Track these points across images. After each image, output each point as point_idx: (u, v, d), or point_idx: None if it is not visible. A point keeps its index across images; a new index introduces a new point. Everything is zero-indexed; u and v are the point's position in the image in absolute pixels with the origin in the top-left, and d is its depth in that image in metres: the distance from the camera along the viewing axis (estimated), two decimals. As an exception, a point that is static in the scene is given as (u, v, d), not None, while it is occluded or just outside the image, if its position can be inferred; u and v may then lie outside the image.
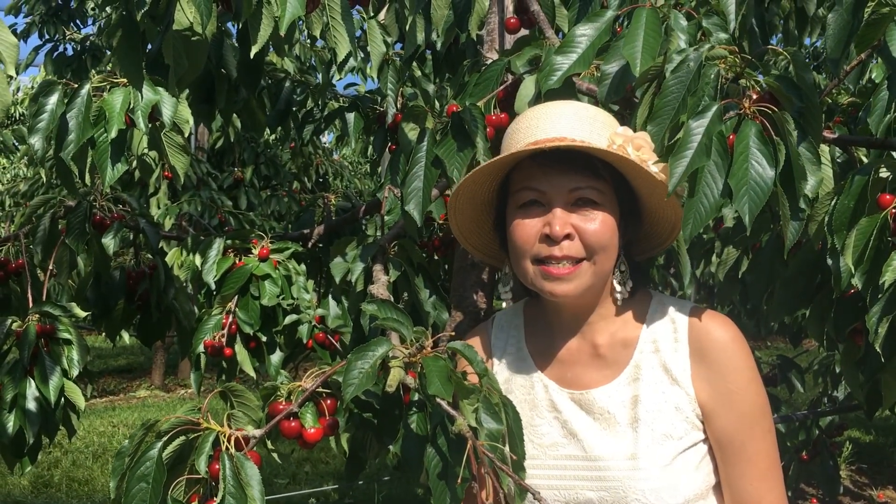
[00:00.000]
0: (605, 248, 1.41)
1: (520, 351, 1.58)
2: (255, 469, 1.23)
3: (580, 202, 1.40)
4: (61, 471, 6.19)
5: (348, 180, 9.38)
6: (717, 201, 1.31)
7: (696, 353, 1.42)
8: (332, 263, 1.91)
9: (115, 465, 1.26)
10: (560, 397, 1.49)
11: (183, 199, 6.08)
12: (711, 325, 1.43)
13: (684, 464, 1.40)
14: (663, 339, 1.45)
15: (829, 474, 4.08)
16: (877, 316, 1.45)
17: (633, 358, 1.45)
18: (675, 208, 1.45)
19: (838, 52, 1.42)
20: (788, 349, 7.49)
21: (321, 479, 5.94)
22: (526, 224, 1.42)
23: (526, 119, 1.48)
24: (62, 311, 2.15)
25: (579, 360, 1.50)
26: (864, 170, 1.51)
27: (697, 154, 1.28)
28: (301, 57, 4.30)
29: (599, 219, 1.40)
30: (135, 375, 10.58)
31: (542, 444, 1.48)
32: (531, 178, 1.43)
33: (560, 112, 1.45)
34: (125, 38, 1.58)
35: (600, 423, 1.44)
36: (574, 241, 1.39)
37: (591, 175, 1.40)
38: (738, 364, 1.41)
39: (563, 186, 1.40)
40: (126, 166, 1.75)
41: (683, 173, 1.28)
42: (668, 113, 1.37)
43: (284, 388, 1.35)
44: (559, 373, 1.51)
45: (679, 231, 1.50)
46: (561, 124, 1.42)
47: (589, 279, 1.41)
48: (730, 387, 1.40)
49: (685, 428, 1.40)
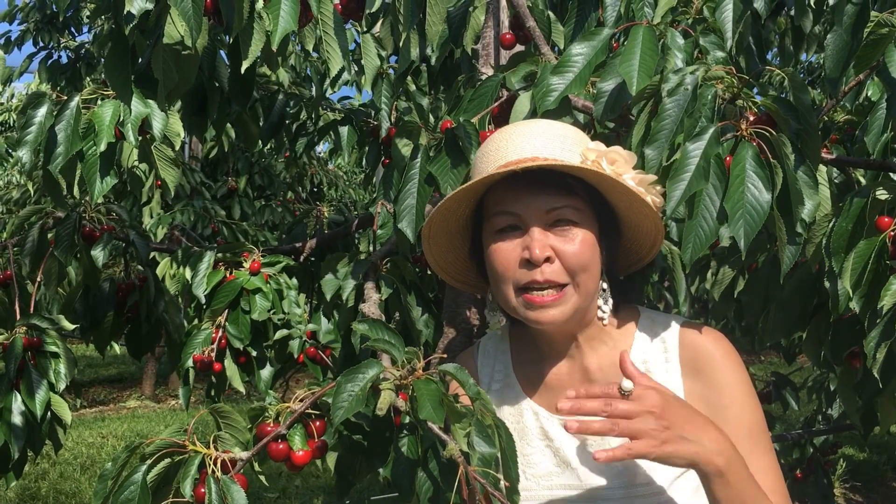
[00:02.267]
0: (586, 268, 1.36)
1: (507, 377, 1.54)
2: (241, 493, 1.20)
3: (559, 222, 1.36)
4: (49, 483, 6.13)
5: (343, 190, 9.37)
6: (716, 224, 1.29)
7: (688, 370, 1.39)
8: (323, 280, 1.89)
9: (97, 488, 1.23)
10: (551, 424, 1.45)
11: (176, 208, 6.06)
12: (702, 341, 1.40)
13: (681, 490, 1.36)
14: (654, 360, 1.42)
15: (823, 492, 4.06)
16: (875, 341, 1.43)
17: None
18: (654, 220, 1.40)
19: (837, 72, 1.40)
20: (782, 364, 7.49)
21: (311, 493, 5.90)
22: (504, 249, 1.37)
23: (494, 141, 1.43)
24: (49, 324, 2.12)
25: (570, 385, 1.45)
26: (862, 192, 1.49)
27: (695, 177, 1.27)
28: (297, 67, 4.29)
29: (579, 238, 1.35)
30: (125, 385, 10.53)
31: (535, 474, 1.44)
32: (505, 201, 1.38)
33: (529, 131, 1.40)
34: (114, 51, 1.56)
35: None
36: (554, 264, 1.35)
37: (567, 193, 1.36)
38: (732, 379, 1.37)
39: (539, 208, 1.36)
40: (115, 180, 1.72)
41: (681, 197, 1.27)
42: (666, 136, 1.35)
43: (273, 409, 1.32)
44: (549, 399, 1.47)
45: (660, 245, 1.46)
46: (531, 144, 1.38)
47: (574, 303, 1.37)
48: (725, 402, 1.36)
49: None
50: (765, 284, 1.89)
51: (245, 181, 7.35)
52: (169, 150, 1.88)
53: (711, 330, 1.43)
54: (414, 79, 3.04)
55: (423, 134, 1.75)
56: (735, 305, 2.66)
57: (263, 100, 2.69)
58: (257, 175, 7.51)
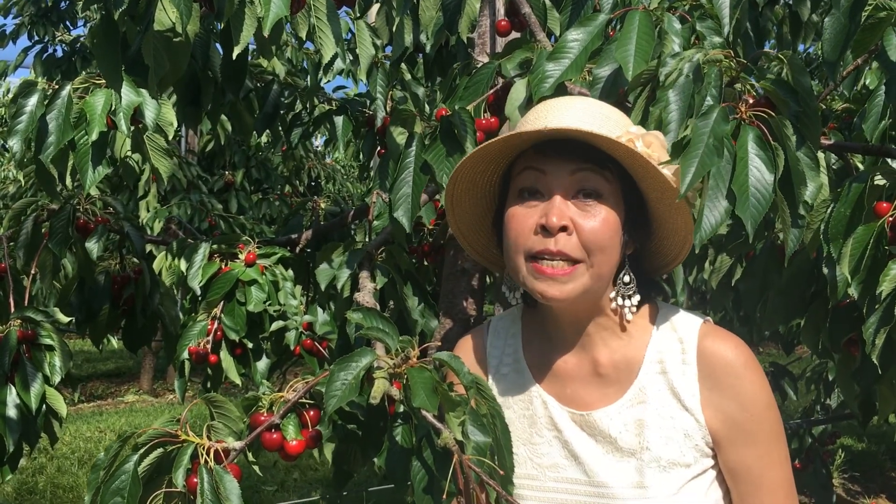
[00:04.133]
0: (603, 248, 1.31)
1: (517, 362, 1.49)
2: (234, 483, 1.19)
3: (582, 193, 1.31)
4: (46, 477, 6.12)
5: (340, 184, 9.34)
6: (727, 207, 1.27)
7: (706, 377, 1.34)
8: (318, 270, 1.87)
9: (90, 478, 1.23)
10: (560, 415, 1.41)
11: (173, 202, 6.05)
12: (723, 348, 1.34)
13: (693, 492, 1.32)
14: (670, 359, 1.36)
15: (821, 483, 4.07)
16: (874, 327, 1.42)
17: (638, 379, 1.37)
18: (685, 218, 1.35)
19: (835, 56, 1.39)
20: (781, 356, 7.49)
21: (310, 486, 5.89)
22: (521, 214, 1.33)
23: (535, 112, 1.40)
24: (44, 317, 2.11)
25: (579, 377, 1.42)
26: (860, 177, 1.48)
27: (707, 154, 1.24)
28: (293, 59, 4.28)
29: (601, 215, 1.30)
30: (123, 380, 10.52)
31: (541, 464, 1.40)
32: (534, 160, 1.35)
33: (570, 105, 1.37)
34: (104, 38, 1.55)
35: (603, 446, 1.37)
36: (571, 236, 1.29)
37: (598, 166, 1.32)
38: (753, 391, 1.32)
39: (565, 169, 1.31)
40: (108, 169, 1.71)
41: (696, 173, 1.24)
42: (676, 126, 1.34)
43: (266, 398, 1.31)
44: (558, 388, 1.43)
45: (690, 245, 1.39)
46: (570, 115, 1.34)
47: (585, 283, 1.31)
48: (744, 414, 1.31)
49: (694, 455, 1.33)
50: (763, 271, 1.88)
51: (242, 175, 7.33)
52: (162, 140, 1.87)
53: (731, 335, 1.37)
54: (409, 68, 3.03)
55: (419, 122, 1.73)
56: (733, 295, 2.66)
57: (258, 90, 2.67)
58: (254, 169, 7.49)
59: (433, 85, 3.00)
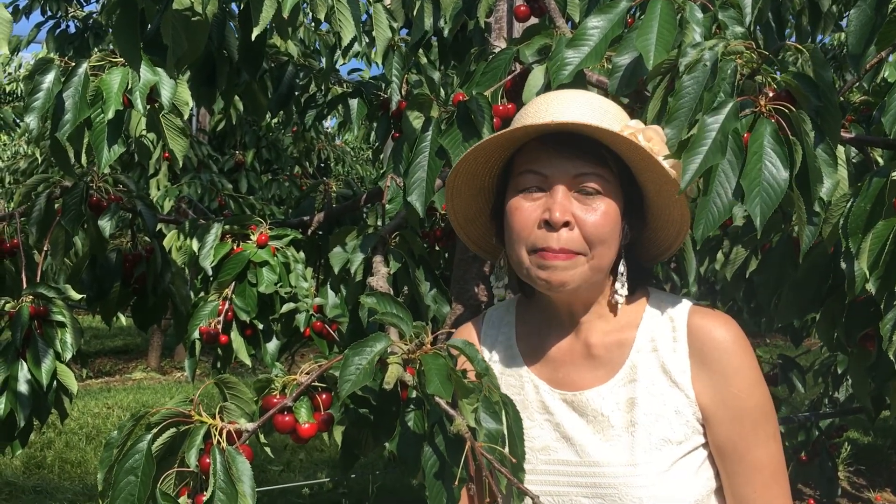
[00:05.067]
0: (605, 241, 1.34)
1: (509, 349, 1.51)
2: (246, 464, 1.19)
3: (584, 190, 1.34)
4: (54, 452, 6.17)
5: (350, 166, 9.33)
6: (730, 201, 1.26)
7: (696, 354, 1.36)
8: (332, 253, 1.87)
9: (103, 456, 1.23)
10: (551, 398, 1.43)
11: (183, 181, 6.05)
12: (712, 325, 1.37)
13: (684, 469, 1.34)
14: (661, 338, 1.39)
15: (827, 476, 4.06)
16: (891, 323, 1.41)
17: (630, 358, 1.39)
18: (682, 209, 1.38)
19: (860, 49, 1.37)
20: (788, 347, 7.47)
21: (315, 467, 5.92)
22: (524, 208, 1.35)
23: (535, 104, 1.42)
24: (56, 293, 2.11)
25: (571, 360, 1.44)
26: (881, 171, 1.46)
27: (712, 151, 1.24)
28: (305, 41, 4.25)
29: (602, 210, 1.33)
30: (131, 357, 10.57)
31: (532, 447, 1.41)
32: (534, 161, 1.36)
33: (571, 99, 1.39)
34: (123, 16, 1.54)
35: (594, 426, 1.38)
36: (573, 231, 1.32)
37: (598, 163, 1.34)
38: (740, 366, 1.34)
39: (567, 171, 1.33)
40: (123, 148, 1.71)
41: (697, 170, 1.24)
42: (685, 115, 1.32)
43: (279, 381, 1.31)
44: (550, 373, 1.45)
45: (685, 235, 1.43)
46: (571, 109, 1.36)
47: (586, 273, 1.34)
48: (732, 390, 1.34)
49: (685, 432, 1.35)
50: (779, 265, 1.86)
51: (252, 155, 7.32)
52: (177, 120, 1.87)
53: (721, 314, 1.40)
54: (425, 53, 3.01)
55: (435, 107, 1.72)
56: (744, 286, 2.65)
57: (272, 71, 2.66)
58: (265, 149, 7.49)
59: (447, 70, 2.98)
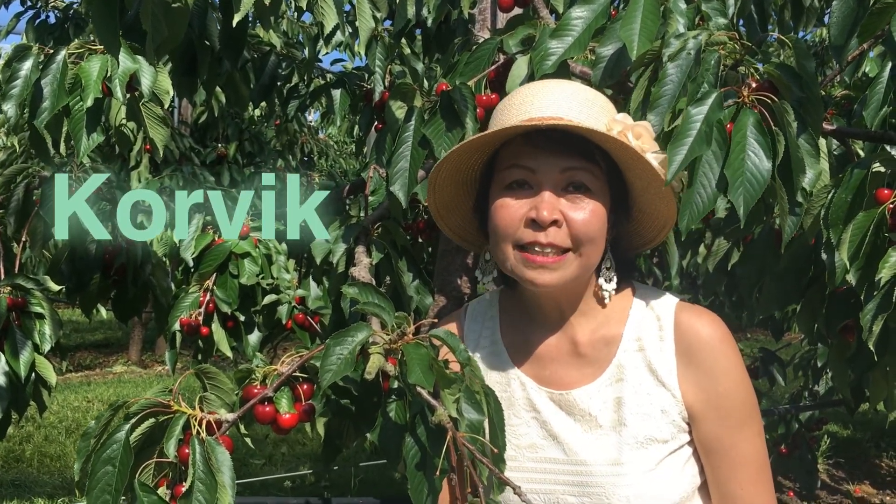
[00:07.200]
0: (592, 239, 1.32)
1: (494, 345, 1.49)
2: (226, 454, 1.18)
3: (571, 187, 1.32)
4: (33, 446, 6.12)
5: (333, 160, 9.30)
6: (714, 192, 1.26)
7: (682, 352, 1.35)
8: (313, 244, 1.86)
9: (80, 446, 1.21)
10: (538, 396, 1.41)
11: (165, 173, 6.00)
12: (699, 324, 1.36)
13: (670, 467, 1.34)
14: (648, 337, 1.38)
15: (806, 468, 4.10)
16: (871, 313, 1.42)
17: (616, 357, 1.38)
18: (668, 204, 1.36)
19: (842, 40, 1.38)
20: (769, 341, 7.51)
21: (298, 460, 5.90)
22: (511, 205, 1.33)
23: (520, 95, 1.39)
24: (35, 284, 2.09)
25: (558, 358, 1.42)
26: (862, 163, 1.47)
27: (697, 142, 1.24)
28: (288, 32, 4.23)
29: (590, 208, 1.31)
30: (111, 350, 10.49)
31: (519, 444, 1.40)
32: (520, 155, 1.34)
33: (558, 90, 1.36)
34: (102, 2, 1.52)
35: (581, 425, 1.37)
36: (561, 228, 1.30)
37: (586, 159, 1.32)
38: (727, 365, 1.34)
39: (555, 167, 1.31)
40: (102, 136, 1.69)
41: (683, 161, 1.24)
42: (668, 101, 1.32)
43: (259, 371, 1.30)
44: (537, 370, 1.44)
45: (670, 229, 1.42)
46: (558, 104, 1.33)
47: (573, 271, 1.33)
48: (718, 389, 1.33)
49: (671, 431, 1.34)
50: (761, 256, 1.87)
51: (235, 148, 7.27)
52: (158, 109, 1.85)
53: (707, 311, 1.39)
54: (409, 44, 3.00)
55: (418, 96, 1.71)
56: (726, 279, 2.66)
57: (255, 61, 2.64)
58: (247, 142, 7.43)
59: (431, 60, 2.97)
